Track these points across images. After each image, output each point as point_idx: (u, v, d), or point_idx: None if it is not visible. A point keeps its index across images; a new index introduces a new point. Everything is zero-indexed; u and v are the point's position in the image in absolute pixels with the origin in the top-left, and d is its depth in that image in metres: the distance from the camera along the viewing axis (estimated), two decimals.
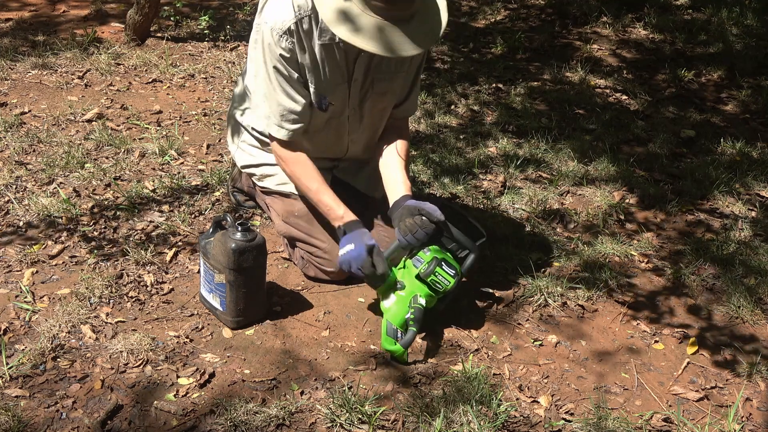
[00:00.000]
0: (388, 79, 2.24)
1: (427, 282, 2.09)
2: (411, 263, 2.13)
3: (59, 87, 3.52)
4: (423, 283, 2.10)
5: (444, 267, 2.08)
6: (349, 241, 2.11)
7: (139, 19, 3.98)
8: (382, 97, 2.28)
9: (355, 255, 2.08)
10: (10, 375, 1.89)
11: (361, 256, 2.07)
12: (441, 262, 2.08)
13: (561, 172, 3.14)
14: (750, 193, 3.14)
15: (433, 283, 2.09)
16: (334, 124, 2.29)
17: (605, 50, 4.68)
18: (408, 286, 2.11)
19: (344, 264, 2.11)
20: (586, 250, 2.62)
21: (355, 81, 2.20)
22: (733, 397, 2.07)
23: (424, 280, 2.09)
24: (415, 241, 2.10)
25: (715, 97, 4.15)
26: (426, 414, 1.87)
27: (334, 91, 2.19)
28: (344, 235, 2.14)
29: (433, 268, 2.07)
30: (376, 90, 2.24)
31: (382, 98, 2.29)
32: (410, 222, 2.10)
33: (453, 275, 2.09)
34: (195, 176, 2.88)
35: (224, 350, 2.05)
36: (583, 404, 1.99)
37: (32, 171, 2.81)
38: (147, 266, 2.34)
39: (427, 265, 2.08)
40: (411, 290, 2.10)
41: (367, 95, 2.25)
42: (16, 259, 2.32)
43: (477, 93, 3.89)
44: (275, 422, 1.82)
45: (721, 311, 2.41)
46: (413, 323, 2.06)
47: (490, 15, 5.12)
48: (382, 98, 2.28)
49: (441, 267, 2.08)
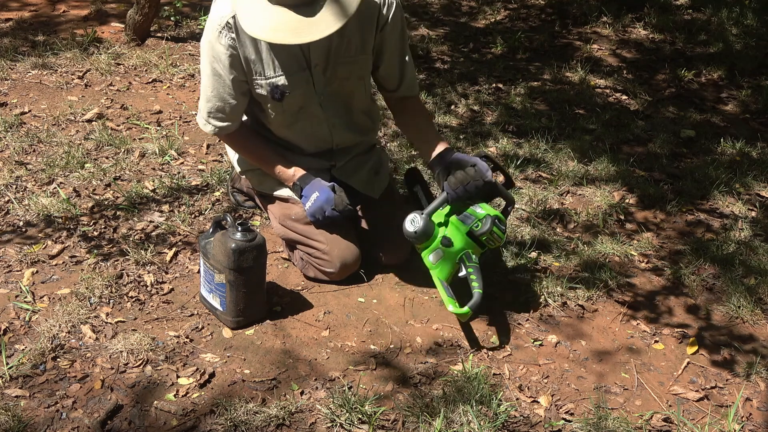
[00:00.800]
0: (350, 62, 2.23)
1: (478, 239, 2.10)
2: (457, 220, 2.13)
3: (59, 87, 3.52)
4: (473, 240, 2.11)
5: (497, 223, 2.11)
6: (310, 192, 2.12)
7: (139, 19, 3.98)
8: (346, 81, 2.28)
9: (323, 198, 2.09)
10: (10, 375, 1.89)
11: (329, 196, 2.09)
12: (495, 219, 2.10)
13: (561, 172, 3.14)
14: (750, 193, 3.14)
15: (487, 240, 2.11)
16: (307, 113, 2.29)
17: (605, 50, 4.68)
18: (457, 242, 2.11)
19: (316, 212, 2.11)
20: (586, 250, 2.62)
21: (315, 67, 2.20)
22: (733, 397, 2.07)
23: (476, 237, 2.10)
24: (465, 194, 2.11)
25: (715, 97, 4.15)
26: (426, 414, 1.87)
27: (292, 79, 2.19)
28: (302, 190, 2.14)
29: (490, 226, 2.08)
30: (339, 75, 2.24)
31: (347, 82, 2.28)
32: (461, 175, 2.10)
33: (503, 231, 2.12)
34: (195, 176, 2.88)
35: (224, 350, 2.05)
36: (583, 404, 1.99)
37: (32, 171, 2.81)
38: (147, 266, 2.34)
39: (483, 223, 2.09)
40: (461, 247, 2.12)
41: (332, 79, 2.25)
42: (16, 259, 2.32)
43: (477, 93, 3.89)
44: (275, 422, 1.82)
45: (721, 311, 2.41)
46: (477, 285, 2.08)
47: (490, 15, 5.12)
48: (346, 82, 2.28)
49: (495, 224, 2.10)
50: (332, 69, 2.22)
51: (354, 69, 2.26)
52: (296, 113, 2.27)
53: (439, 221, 2.18)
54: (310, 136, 2.35)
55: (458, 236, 2.12)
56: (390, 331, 2.20)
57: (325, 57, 2.19)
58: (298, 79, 2.19)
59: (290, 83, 2.18)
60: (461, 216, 2.14)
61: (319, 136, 2.36)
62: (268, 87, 2.19)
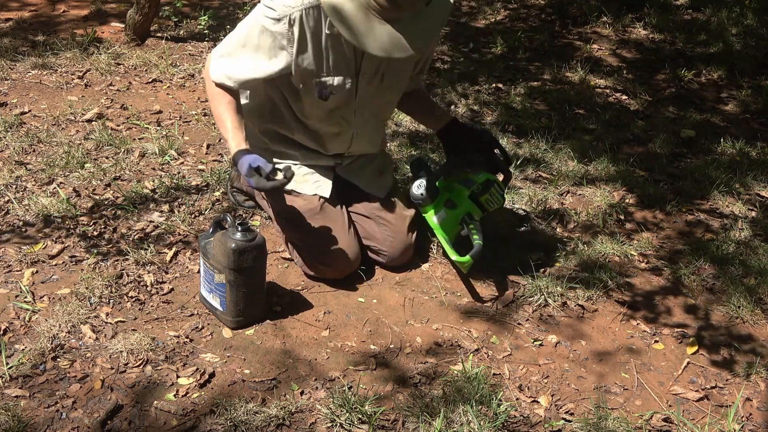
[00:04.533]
0: (399, 73, 2.27)
1: (479, 201, 2.33)
2: (459, 184, 2.36)
3: (59, 87, 3.52)
4: (474, 203, 2.33)
5: (496, 187, 2.33)
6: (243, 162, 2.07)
7: (139, 19, 3.98)
8: (389, 90, 2.31)
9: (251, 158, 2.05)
10: (10, 375, 1.89)
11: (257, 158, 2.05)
12: (494, 183, 2.34)
13: (561, 171, 3.14)
14: (750, 193, 3.14)
15: (487, 202, 2.34)
16: (338, 116, 2.29)
17: (605, 50, 4.68)
18: (460, 204, 2.34)
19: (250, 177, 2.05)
20: (585, 250, 2.62)
21: (363, 74, 2.21)
22: (733, 397, 2.07)
23: (477, 200, 2.33)
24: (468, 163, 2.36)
25: (715, 97, 4.15)
26: (426, 414, 1.87)
27: (339, 83, 2.19)
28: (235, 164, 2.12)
29: (489, 189, 2.32)
30: (385, 83, 2.26)
31: (389, 91, 2.32)
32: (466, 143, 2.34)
33: (502, 195, 2.36)
34: (195, 176, 2.88)
35: (224, 350, 2.05)
36: (583, 404, 1.99)
37: (32, 171, 2.81)
38: (147, 266, 2.34)
39: (483, 186, 2.32)
40: (463, 208, 2.34)
41: (375, 88, 2.26)
42: (16, 259, 2.32)
43: (477, 93, 3.89)
44: (275, 422, 1.82)
45: (720, 311, 2.41)
46: (477, 237, 2.26)
47: (490, 15, 5.12)
48: (389, 91, 2.32)
49: (494, 187, 2.33)
50: (379, 78, 2.24)
51: (400, 80, 2.31)
52: (331, 112, 2.28)
53: (443, 186, 2.40)
54: (328, 141, 2.36)
55: (461, 199, 2.34)
56: (390, 331, 2.20)
57: (375, 68, 2.21)
58: (344, 84, 2.20)
59: (339, 85, 2.20)
60: (463, 181, 2.35)
61: (337, 143, 2.37)
62: (317, 86, 2.19)
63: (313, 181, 2.38)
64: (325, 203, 2.35)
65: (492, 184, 2.33)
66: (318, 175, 2.39)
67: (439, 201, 2.37)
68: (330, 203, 2.36)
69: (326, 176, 2.39)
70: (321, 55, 2.13)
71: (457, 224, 2.36)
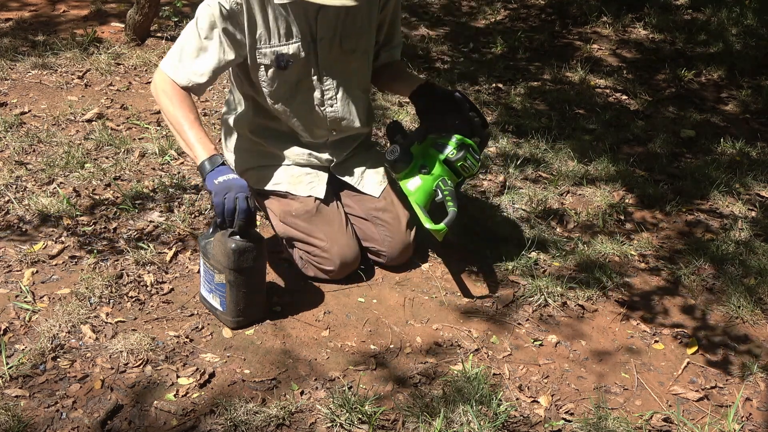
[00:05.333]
0: (356, 35, 2.25)
1: (455, 166, 2.24)
2: (433, 149, 2.26)
3: (59, 87, 3.52)
4: (448, 168, 2.24)
5: (471, 152, 2.24)
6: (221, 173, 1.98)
7: (139, 19, 3.98)
8: (353, 55, 2.28)
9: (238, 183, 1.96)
10: (10, 375, 1.89)
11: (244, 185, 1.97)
12: (469, 147, 2.24)
13: (561, 171, 3.14)
14: (750, 193, 3.14)
15: (461, 167, 2.24)
16: (304, 89, 2.27)
17: (605, 50, 4.68)
18: (433, 169, 2.24)
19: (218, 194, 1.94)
20: (585, 250, 2.62)
21: (321, 40, 2.21)
22: (733, 397, 2.07)
23: (452, 164, 2.24)
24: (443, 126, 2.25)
25: (715, 97, 4.15)
26: (426, 414, 1.87)
27: (297, 50, 2.19)
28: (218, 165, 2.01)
29: (464, 154, 2.23)
30: (345, 47, 2.25)
31: (354, 57, 2.29)
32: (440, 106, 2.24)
33: (477, 160, 2.27)
34: (195, 176, 2.88)
35: (224, 350, 2.05)
36: (583, 404, 1.99)
37: (32, 171, 2.81)
38: (147, 266, 2.34)
39: (457, 150, 2.23)
40: (437, 173, 2.24)
41: (336, 53, 2.25)
42: (16, 259, 2.32)
43: (477, 93, 3.89)
44: (275, 422, 1.82)
45: (720, 311, 2.41)
46: (452, 204, 2.18)
47: (490, 15, 5.12)
48: (353, 57, 2.29)
49: (469, 152, 2.24)
50: (338, 42, 2.23)
51: (360, 43, 2.28)
52: (295, 86, 2.26)
53: (418, 151, 2.29)
54: (306, 121, 2.33)
55: (434, 163, 2.25)
56: (390, 331, 2.20)
57: (331, 31, 2.21)
58: (299, 52, 2.20)
59: (294, 53, 2.20)
60: (437, 145, 2.27)
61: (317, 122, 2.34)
62: (272, 55, 2.19)
63: (307, 182, 2.38)
64: (321, 204, 2.35)
65: (466, 148, 2.24)
66: (311, 176, 2.39)
67: (414, 166, 2.26)
68: (325, 203, 2.36)
69: (320, 176, 2.39)
70: (271, 24, 2.15)
71: (432, 190, 2.26)
